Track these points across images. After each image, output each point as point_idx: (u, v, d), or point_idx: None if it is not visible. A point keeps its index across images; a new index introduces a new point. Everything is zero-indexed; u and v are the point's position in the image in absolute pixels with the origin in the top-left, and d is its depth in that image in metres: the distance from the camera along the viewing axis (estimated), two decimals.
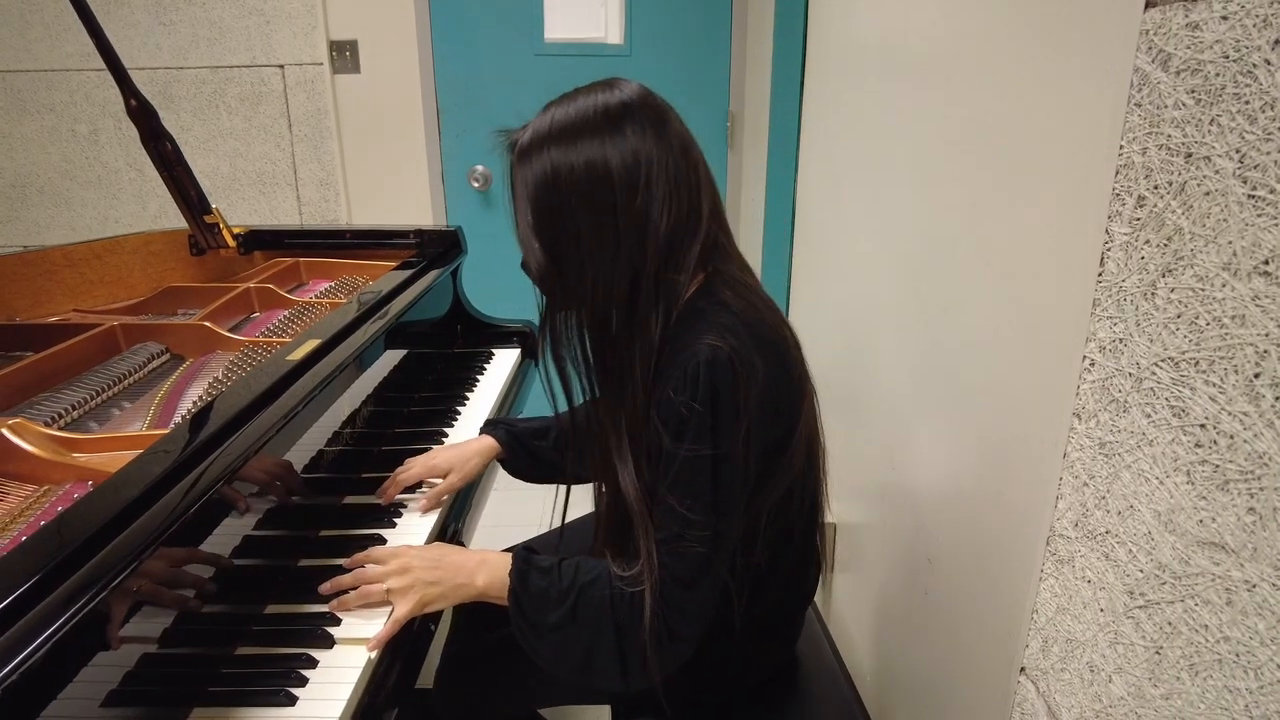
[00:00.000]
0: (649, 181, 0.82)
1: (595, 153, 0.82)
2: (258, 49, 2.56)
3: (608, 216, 0.82)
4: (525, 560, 0.90)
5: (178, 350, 1.29)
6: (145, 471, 0.76)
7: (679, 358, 0.82)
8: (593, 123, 0.83)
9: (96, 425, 1.07)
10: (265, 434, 0.89)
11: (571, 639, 0.85)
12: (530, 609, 0.87)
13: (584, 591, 0.86)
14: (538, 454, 1.21)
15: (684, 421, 0.80)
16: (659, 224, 0.83)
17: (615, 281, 0.84)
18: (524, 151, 0.87)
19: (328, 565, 0.99)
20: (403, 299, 1.39)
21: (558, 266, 0.87)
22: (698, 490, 0.82)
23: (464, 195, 2.74)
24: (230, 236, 1.68)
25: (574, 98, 0.88)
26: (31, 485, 0.89)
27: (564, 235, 0.85)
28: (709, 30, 2.63)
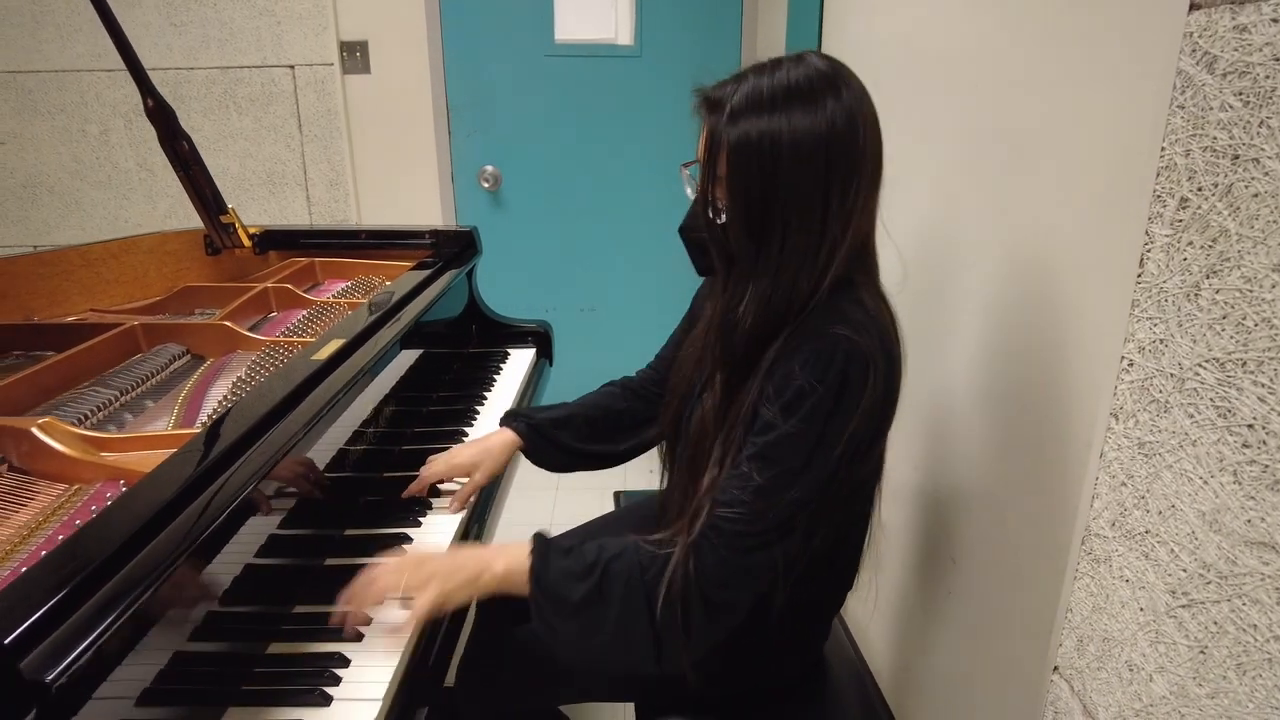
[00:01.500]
0: (861, 162, 0.82)
1: (819, 124, 0.80)
2: (268, 49, 2.56)
3: (821, 197, 0.82)
4: (545, 542, 0.88)
5: (198, 350, 1.29)
6: (180, 471, 0.76)
7: (811, 339, 0.81)
8: (808, 94, 0.80)
9: (122, 425, 1.07)
10: (297, 433, 0.89)
11: (598, 618, 0.82)
12: (553, 588, 0.84)
13: (609, 565, 0.83)
14: (559, 443, 1.20)
15: (801, 397, 0.80)
16: (861, 218, 0.84)
17: (811, 270, 0.83)
18: (735, 112, 0.82)
19: (355, 564, 0.99)
20: (423, 299, 1.39)
21: (758, 242, 0.84)
22: (785, 467, 0.80)
23: (474, 195, 2.75)
24: (246, 236, 1.68)
25: (776, 68, 0.84)
26: (62, 484, 0.89)
27: (773, 212, 0.82)
28: (719, 32, 2.63)
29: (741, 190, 0.83)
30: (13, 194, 2.65)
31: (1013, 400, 0.97)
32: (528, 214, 2.76)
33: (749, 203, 0.83)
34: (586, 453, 1.22)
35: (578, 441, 1.21)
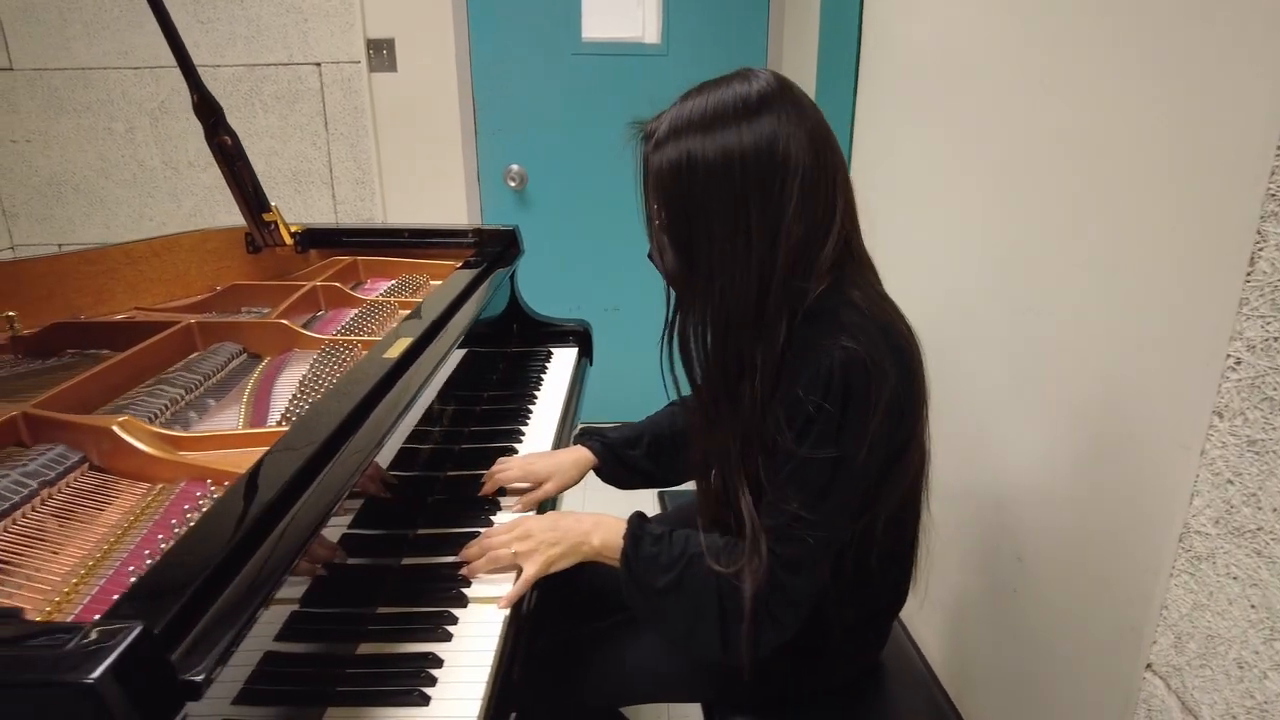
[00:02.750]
0: (784, 174, 0.81)
1: (730, 140, 0.80)
2: (294, 47, 2.56)
3: (740, 209, 0.81)
4: (639, 525, 0.94)
5: (254, 349, 1.28)
6: (282, 469, 0.76)
7: (809, 357, 0.81)
8: (729, 112, 0.81)
9: (188, 423, 1.06)
10: (388, 430, 0.89)
11: (676, 607, 0.89)
12: (639, 572, 0.91)
13: (692, 563, 0.88)
14: (631, 463, 1.23)
15: (810, 421, 0.80)
16: (792, 223, 0.82)
17: (745, 281, 0.84)
18: (659, 141, 0.85)
19: (431, 563, 0.99)
20: (479, 297, 1.38)
21: (686, 262, 0.87)
22: (813, 490, 0.82)
23: (500, 194, 2.74)
24: (288, 234, 1.68)
25: (711, 88, 0.86)
26: (143, 483, 0.89)
27: (695, 229, 0.84)
28: (746, 31, 2.63)
29: (666, 211, 0.86)
30: (38, 192, 2.64)
31: (1092, 398, 0.97)
32: (553, 213, 2.76)
33: (673, 221, 0.86)
34: (655, 470, 1.23)
35: (647, 460, 1.23)
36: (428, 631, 0.86)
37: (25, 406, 0.94)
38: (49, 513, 0.83)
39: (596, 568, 0.99)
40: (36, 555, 0.77)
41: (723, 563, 0.87)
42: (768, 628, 0.85)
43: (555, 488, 1.17)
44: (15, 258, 1.44)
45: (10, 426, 0.92)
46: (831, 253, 0.84)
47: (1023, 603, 1.11)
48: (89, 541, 0.79)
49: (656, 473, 1.24)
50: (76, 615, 0.67)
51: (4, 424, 0.91)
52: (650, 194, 0.88)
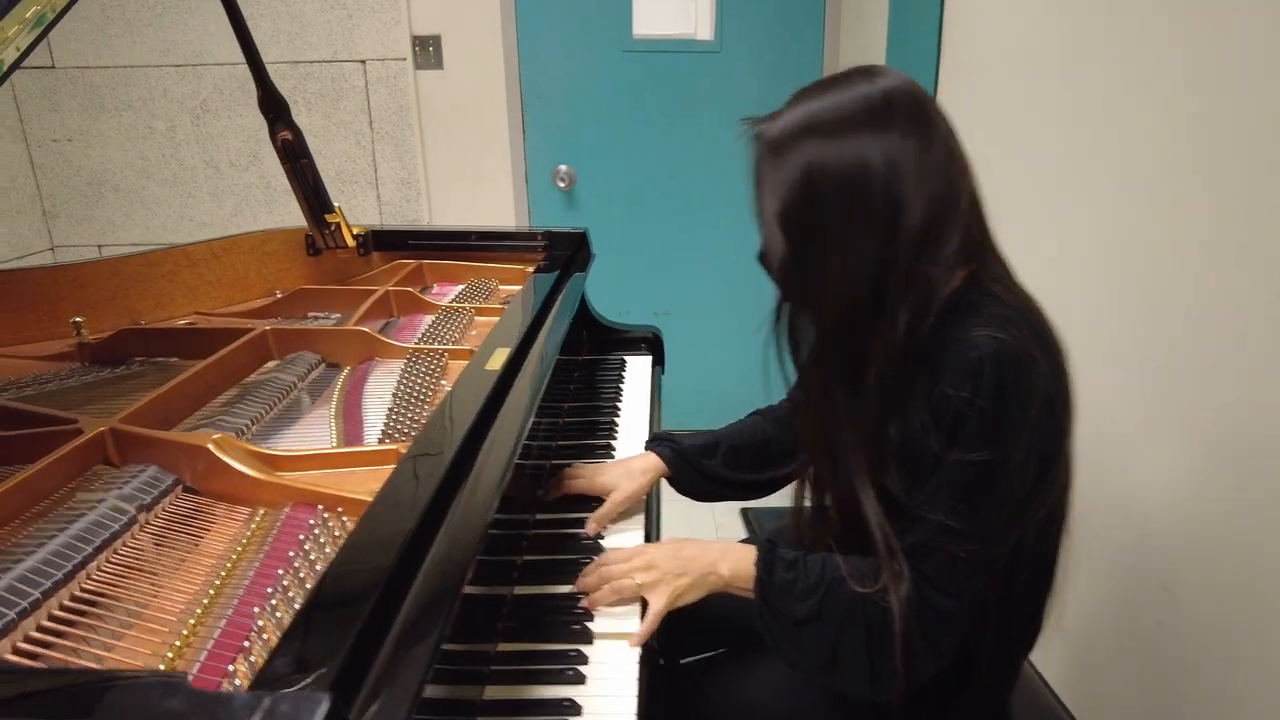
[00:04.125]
0: (909, 180, 0.77)
1: (857, 150, 0.76)
2: (339, 43, 2.49)
3: (860, 214, 0.77)
4: (770, 551, 0.88)
5: (332, 357, 1.21)
6: (415, 493, 0.69)
7: (952, 352, 0.76)
8: (855, 117, 0.77)
9: (274, 438, 0.99)
10: (515, 446, 0.82)
11: (817, 637, 0.83)
12: (776, 601, 0.85)
13: (834, 588, 0.82)
14: (706, 471, 1.15)
15: (961, 420, 0.75)
16: (913, 217, 0.77)
17: (860, 278, 0.79)
18: (777, 143, 0.80)
19: (546, 593, 0.92)
20: (564, 303, 1.31)
21: (799, 261, 0.82)
22: (964, 497, 0.76)
23: (547, 195, 2.67)
24: (350, 236, 1.61)
25: (831, 87, 0.81)
26: (244, 508, 0.82)
27: (812, 231, 0.80)
28: (801, 27, 2.55)
29: (783, 213, 0.81)
30: (78, 192, 2.58)
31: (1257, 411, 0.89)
32: (602, 214, 2.69)
33: (789, 221, 0.81)
34: (734, 481, 1.16)
35: (727, 470, 1.15)
36: (558, 673, 0.78)
37: (112, 422, 0.87)
38: (148, 540, 0.76)
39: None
40: (140, 589, 0.70)
41: (868, 585, 0.81)
42: (921, 654, 0.79)
43: (623, 498, 1.09)
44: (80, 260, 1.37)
45: (98, 443, 0.86)
46: (958, 243, 0.79)
47: (1171, 637, 1.03)
48: (197, 575, 0.72)
49: (734, 483, 1.16)
50: (204, 663, 0.60)
51: (92, 440, 0.85)
52: (764, 195, 0.83)
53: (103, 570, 0.71)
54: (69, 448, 0.82)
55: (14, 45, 0.85)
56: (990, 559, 0.80)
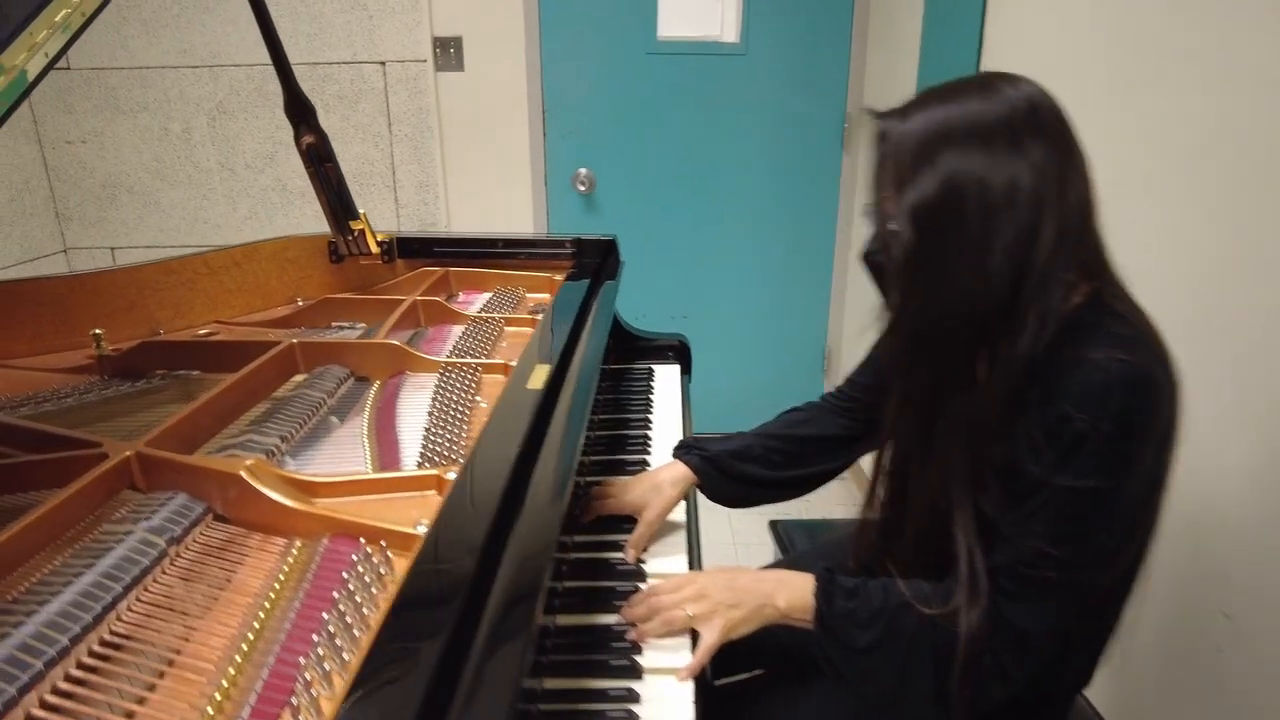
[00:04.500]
0: (1053, 189, 0.74)
1: (1006, 158, 0.73)
2: (359, 45, 2.45)
3: (1005, 221, 0.74)
4: (829, 580, 0.85)
5: (361, 371, 1.17)
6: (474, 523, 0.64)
7: (1076, 372, 0.72)
8: (1003, 124, 0.74)
9: (305, 461, 0.95)
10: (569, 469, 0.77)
11: (881, 664, 0.81)
12: (838, 631, 0.82)
13: (898, 614, 0.80)
14: (742, 475, 1.10)
15: (1079, 443, 0.71)
16: (1052, 226, 0.74)
17: (998, 283, 0.75)
18: (917, 145, 0.77)
19: (589, 624, 0.87)
20: (600, 313, 1.27)
21: (932, 263, 0.78)
22: (1069, 523, 0.73)
23: (567, 199, 2.63)
24: (375, 243, 1.57)
25: (971, 91, 0.77)
26: (277, 538, 0.77)
27: (952, 235, 0.76)
28: (828, 29, 2.50)
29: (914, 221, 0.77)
30: (92, 194, 2.55)
31: None
32: (621, 218, 2.64)
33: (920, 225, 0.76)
34: (771, 480, 1.11)
35: (763, 469, 1.10)
36: (607, 714, 0.74)
37: (137, 446, 0.83)
38: (178, 575, 0.72)
39: None
40: (173, 630, 0.65)
41: (935, 608, 0.78)
42: (992, 679, 0.77)
43: (655, 517, 1.04)
44: (96, 267, 1.33)
45: (123, 469, 0.81)
46: (1085, 255, 0.77)
47: (1231, 665, 0.98)
48: (233, 614, 0.67)
49: (772, 482, 1.11)
50: (250, 716, 0.55)
51: (117, 466, 0.80)
52: (885, 195, 0.80)
53: (133, 610, 0.67)
54: (94, 475, 0.77)
55: (43, 51, 0.80)
56: (1085, 588, 0.77)
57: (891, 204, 0.78)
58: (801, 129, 2.57)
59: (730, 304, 2.76)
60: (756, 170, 2.61)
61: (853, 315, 2.74)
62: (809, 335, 2.82)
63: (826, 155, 2.60)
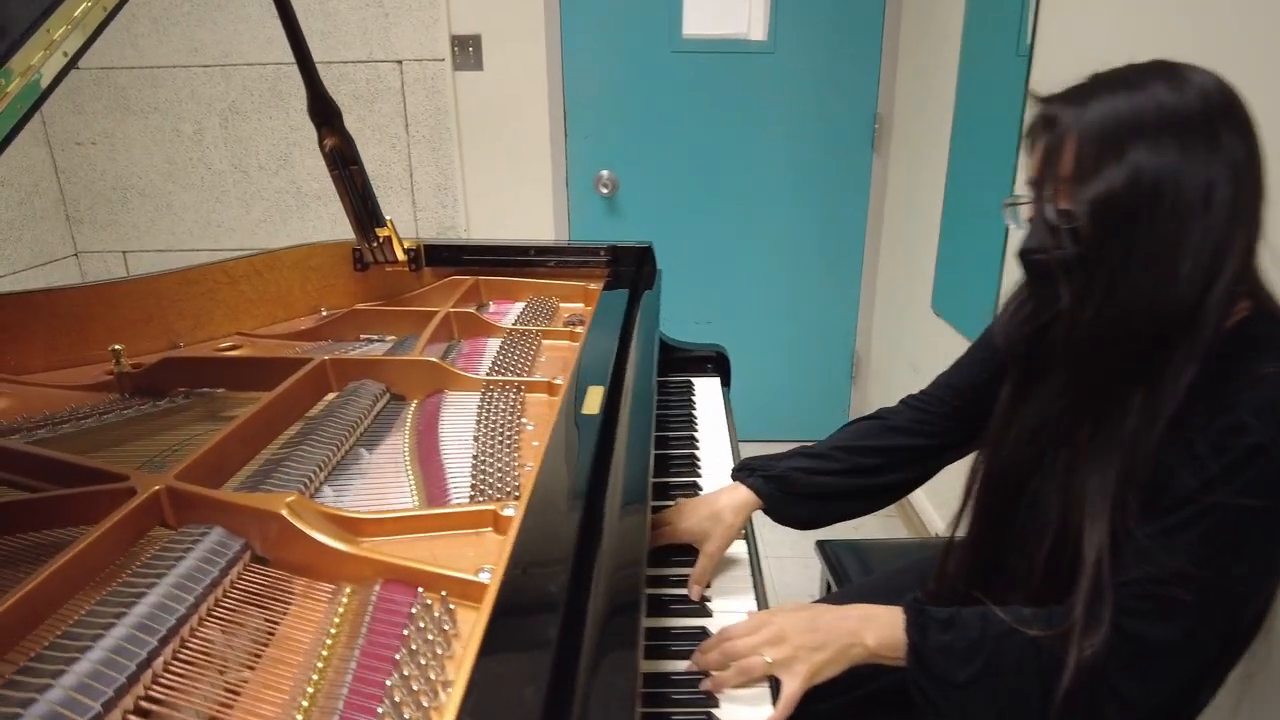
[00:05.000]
0: (1246, 187, 0.70)
1: (1197, 165, 0.69)
2: (375, 43, 2.39)
3: (1189, 232, 0.69)
4: (920, 612, 0.80)
5: (396, 389, 1.10)
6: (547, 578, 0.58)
7: (1257, 385, 0.68)
8: (1193, 122, 0.69)
9: (347, 491, 0.88)
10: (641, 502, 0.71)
11: (985, 697, 0.76)
12: (936, 667, 0.78)
13: (1002, 643, 0.76)
14: (812, 493, 1.03)
15: (1250, 459, 0.66)
16: (1241, 241, 0.70)
17: (1176, 298, 0.70)
18: (1101, 137, 0.72)
19: (659, 672, 0.80)
20: (645, 327, 1.20)
21: (1102, 267, 0.72)
22: (1221, 542, 0.69)
23: (588, 201, 2.56)
24: (401, 250, 1.50)
25: (1150, 80, 0.72)
26: (325, 584, 0.71)
27: (1130, 238, 0.71)
28: (858, 29, 2.43)
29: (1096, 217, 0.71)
30: (103, 197, 2.48)
31: None
32: (644, 221, 2.57)
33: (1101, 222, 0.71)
34: (849, 491, 1.04)
35: (838, 484, 1.03)
36: None
37: (167, 479, 0.76)
38: (217, 626, 0.65)
39: None
40: (216, 692, 0.59)
41: (1040, 630, 0.74)
42: (1106, 704, 0.72)
43: (716, 549, 0.97)
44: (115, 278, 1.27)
45: (153, 506, 0.74)
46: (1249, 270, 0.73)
47: None
48: (282, 675, 0.61)
49: (849, 493, 1.04)
50: None
51: (147, 502, 0.74)
52: (1058, 185, 0.74)
53: (170, 668, 0.60)
54: (122, 513, 0.71)
55: (61, 50, 0.74)
56: (1216, 619, 0.71)
57: (1064, 197, 0.73)
58: (830, 130, 2.51)
59: (756, 309, 2.70)
60: (783, 172, 2.55)
61: (882, 320, 2.67)
62: (837, 341, 2.75)
63: (856, 157, 2.53)
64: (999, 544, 0.89)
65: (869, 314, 2.72)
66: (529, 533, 0.66)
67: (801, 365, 2.77)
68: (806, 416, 2.80)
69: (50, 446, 0.91)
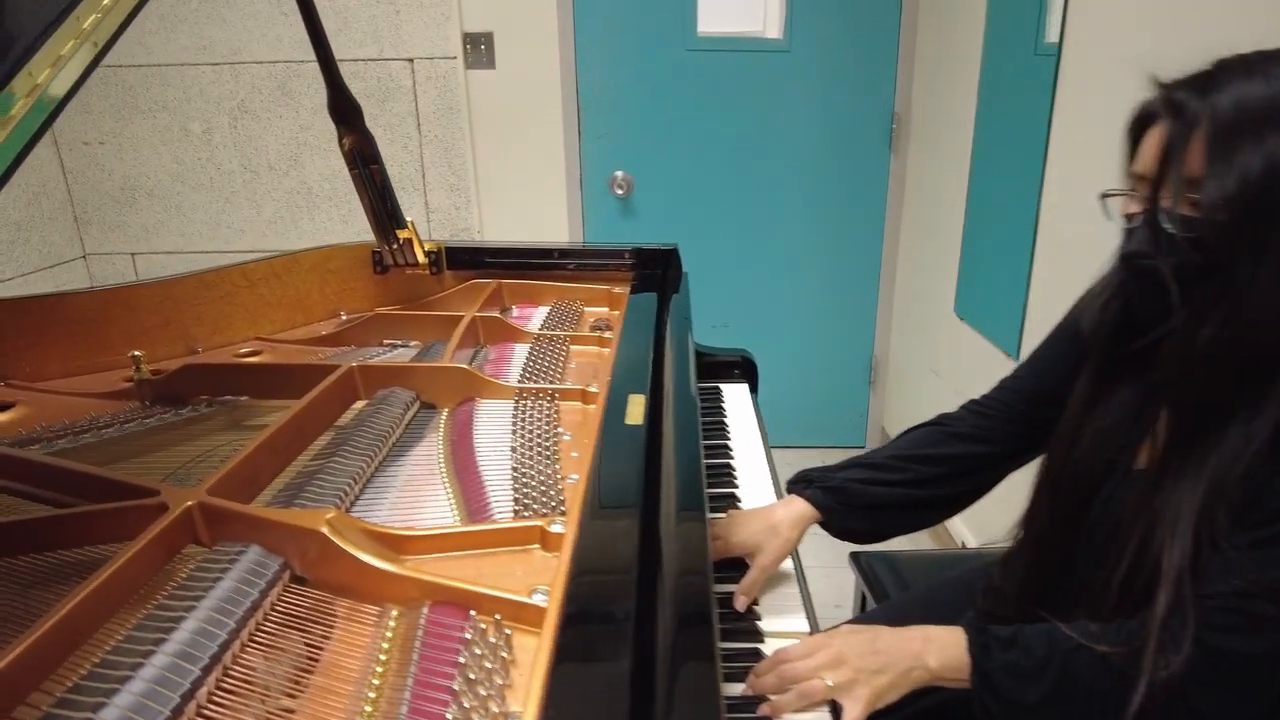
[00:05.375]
0: None
1: None
2: (386, 41, 2.35)
3: None
4: (981, 631, 0.78)
5: (425, 397, 1.07)
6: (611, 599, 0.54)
7: None
8: None
9: (381, 504, 0.85)
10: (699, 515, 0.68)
11: (1056, 718, 0.74)
12: (1003, 688, 0.75)
13: (1070, 660, 0.73)
14: (875, 504, 0.99)
15: None
16: None
17: None
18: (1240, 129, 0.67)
19: None
20: (676, 333, 1.17)
21: (1235, 267, 0.68)
22: None
23: (603, 202, 2.53)
24: (422, 253, 1.47)
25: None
26: (369, 605, 0.68)
27: (1268, 235, 0.67)
28: (875, 27, 2.40)
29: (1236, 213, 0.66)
30: (110, 198, 2.45)
31: None
32: (659, 223, 2.54)
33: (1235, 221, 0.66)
34: (909, 505, 1.00)
35: (902, 495, 0.99)
36: None
37: (200, 495, 0.73)
38: (259, 652, 0.62)
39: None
40: None
41: (1110, 646, 0.72)
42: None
43: (770, 561, 0.94)
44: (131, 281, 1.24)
45: (186, 523, 0.71)
46: None
47: None
48: (332, 706, 0.57)
49: (912, 509, 1.01)
50: None
51: (180, 519, 0.70)
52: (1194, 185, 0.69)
53: (214, 699, 0.57)
54: (155, 531, 0.67)
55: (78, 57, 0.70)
56: None
57: (1186, 197, 0.69)
58: (847, 129, 2.48)
59: (772, 311, 2.67)
60: (799, 172, 2.52)
61: (901, 323, 2.64)
62: (855, 344, 2.72)
63: (873, 156, 2.50)
64: (1065, 555, 0.86)
65: (887, 317, 2.69)
66: (586, 552, 0.63)
67: (818, 369, 2.74)
68: (823, 421, 2.77)
69: (71, 457, 0.89)
